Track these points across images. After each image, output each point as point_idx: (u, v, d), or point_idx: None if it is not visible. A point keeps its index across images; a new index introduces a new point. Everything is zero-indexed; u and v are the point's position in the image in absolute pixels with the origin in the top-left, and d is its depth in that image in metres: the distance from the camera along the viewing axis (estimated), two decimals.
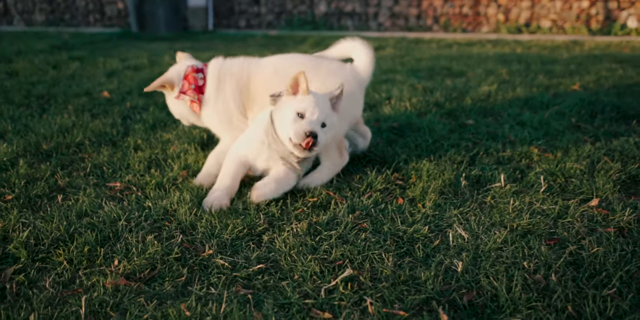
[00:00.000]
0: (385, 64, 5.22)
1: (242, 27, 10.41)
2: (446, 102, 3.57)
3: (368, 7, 10.05)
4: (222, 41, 8.26)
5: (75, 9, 10.54)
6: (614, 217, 1.91)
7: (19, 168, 2.36)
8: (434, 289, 1.48)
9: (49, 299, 1.45)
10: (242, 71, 2.36)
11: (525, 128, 2.99)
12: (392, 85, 4.13)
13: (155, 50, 6.87)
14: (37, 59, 5.61)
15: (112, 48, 7.07)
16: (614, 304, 1.40)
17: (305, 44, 7.32)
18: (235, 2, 10.27)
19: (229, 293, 1.48)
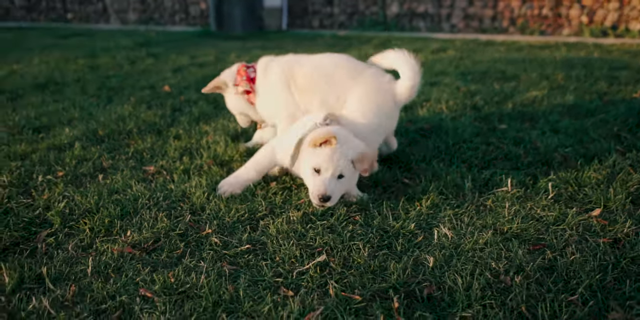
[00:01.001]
0: (440, 66, 5.20)
1: (315, 27, 10.68)
2: (485, 106, 3.54)
3: (441, 8, 9.91)
4: (292, 40, 8.54)
5: (163, 8, 11.36)
6: (612, 228, 1.87)
7: (74, 150, 2.71)
8: (398, 280, 1.57)
9: (67, 258, 1.72)
10: (287, 65, 2.51)
11: (557, 135, 2.91)
12: (434, 88, 4.14)
13: (227, 48, 7.28)
14: (119, 54, 6.19)
15: (189, 46, 7.58)
16: (569, 309, 1.42)
17: (370, 44, 7.40)
18: (309, 3, 10.55)
19: (215, 267, 1.66)
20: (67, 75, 4.81)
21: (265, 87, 2.53)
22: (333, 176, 1.96)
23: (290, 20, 10.74)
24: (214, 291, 1.52)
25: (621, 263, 1.64)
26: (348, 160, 1.98)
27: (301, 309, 1.44)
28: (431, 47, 6.73)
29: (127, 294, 1.51)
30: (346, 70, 2.39)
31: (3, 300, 1.49)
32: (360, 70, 2.40)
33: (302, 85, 2.45)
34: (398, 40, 7.75)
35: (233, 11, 9.59)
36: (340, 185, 1.98)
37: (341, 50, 6.59)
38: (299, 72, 2.46)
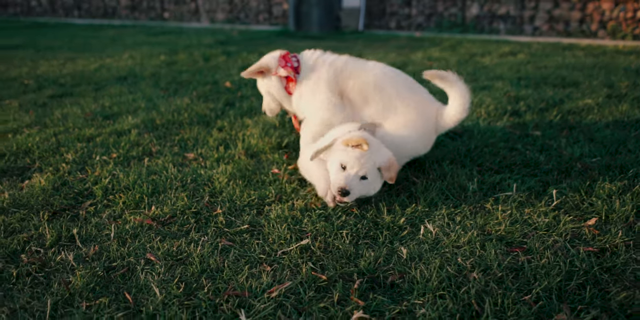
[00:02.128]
0: (499, 70, 5.11)
1: (392, 28, 10.73)
2: (527, 112, 3.49)
3: (524, 10, 9.54)
4: (364, 41, 8.69)
5: (249, 8, 11.99)
6: (602, 238, 1.86)
7: (130, 135, 3.10)
8: (368, 266, 1.72)
9: (99, 224, 2.05)
10: (344, 66, 2.47)
11: (591, 144, 2.84)
12: (482, 92, 4.12)
13: (298, 47, 7.60)
14: (197, 51, 6.72)
15: (264, 44, 8.00)
16: (517, 306, 1.49)
17: (439, 46, 7.36)
18: (388, 4, 10.62)
19: (214, 242, 1.91)
20: (146, 70, 5.35)
21: (309, 80, 2.48)
22: (357, 175, 2.05)
23: (368, 21, 10.87)
24: (204, 261, 1.76)
25: (592, 271, 1.66)
26: (375, 165, 2.07)
27: (271, 281, 1.63)
28: (501, 50, 6.57)
29: (135, 256, 1.80)
30: (396, 89, 2.39)
31: (42, 252, 1.84)
32: (414, 92, 2.42)
33: (350, 95, 2.43)
34: (470, 43, 7.62)
35: (311, 11, 9.92)
36: (361, 186, 2.06)
37: (410, 52, 6.65)
38: (350, 81, 2.43)
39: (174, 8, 12.78)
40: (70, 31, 10.00)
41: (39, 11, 14.47)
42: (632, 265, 1.70)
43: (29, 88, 4.59)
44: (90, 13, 13.78)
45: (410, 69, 5.32)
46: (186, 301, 1.54)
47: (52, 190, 2.33)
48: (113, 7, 13.48)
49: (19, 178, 2.52)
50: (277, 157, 2.76)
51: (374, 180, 2.12)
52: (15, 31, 9.90)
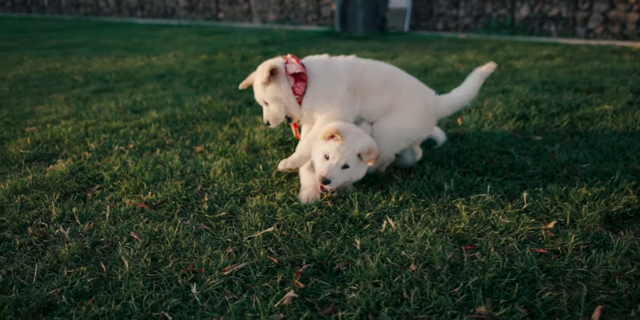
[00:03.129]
0: (527, 74, 5.04)
1: (439, 29, 10.65)
2: (535, 117, 3.48)
3: (577, 12, 9.19)
4: (407, 42, 8.71)
5: (298, 9, 12.27)
6: (557, 241, 1.91)
7: (150, 129, 3.39)
8: (319, 253, 1.86)
9: (99, 206, 2.31)
10: (355, 63, 2.52)
11: (589, 150, 2.82)
12: (495, 96, 4.11)
13: (338, 47, 7.75)
14: (237, 51, 7.04)
15: (306, 45, 8.22)
16: (441, 297, 1.59)
17: (479, 48, 7.27)
18: (435, 5, 10.55)
19: (193, 225, 2.12)
20: (184, 68, 5.71)
21: (325, 81, 2.47)
22: (338, 164, 2.21)
23: (415, 22, 10.85)
24: (178, 241, 1.97)
25: (529, 270, 1.72)
26: (354, 152, 2.22)
27: (227, 262, 1.82)
28: (540, 53, 6.42)
29: (120, 234, 2.04)
30: (400, 78, 2.51)
31: (45, 226, 2.12)
32: (413, 81, 2.54)
33: (364, 88, 2.48)
34: (513, 45, 7.48)
35: (356, 12, 10.04)
36: (343, 174, 2.24)
37: (445, 54, 6.64)
38: (365, 75, 2.49)
39: (228, 9, 13.29)
40: (130, 31, 10.67)
41: (106, 11, 15.47)
42: (574, 267, 1.75)
43: (77, 83, 5.04)
44: (151, 13, 14.58)
45: (438, 71, 5.35)
46: (149, 273, 1.76)
47: (69, 175, 2.64)
48: (172, 8, 14.20)
49: (46, 163, 2.86)
50: (276, 152, 2.95)
51: (355, 168, 2.27)
52: (81, 30, 10.70)
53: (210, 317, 1.55)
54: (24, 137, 3.30)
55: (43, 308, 1.59)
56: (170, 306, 1.59)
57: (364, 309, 1.55)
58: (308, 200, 2.31)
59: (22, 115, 3.86)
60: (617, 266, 1.73)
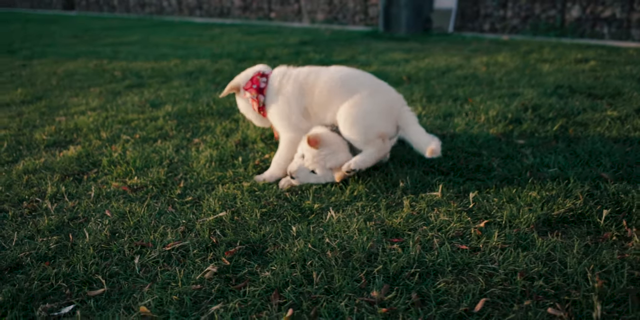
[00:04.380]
0: (547, 78, 4.94)
1: (485, 30, 10.45)
2: (528, 121, 3.47)
3: (632, 12, 8.73)
4: (447, 43, 8.64)
5: (346, 9, 12.43)
6: (481, 239, 1.99)
7: (158, 122, 3.72)
8: (256, 237, 2.06)
9: (88, 187, 2.63)
10: (307, 77, 2.66)
11: (562, 156, 2.82)
12: (498, 99, 4.10)
13: (376, 48, 7.85)
14: (271, 51, 7.32)
15: (345, 45, 8.36)
16: (342, 281, 1.74)
17: (516, 50, 7.12)
18: (482, 5, 10.36)
19: (161, 207, 2.37)
20: (213, 66, 6.05)
21: (277, 100, 2.67)
22: (307, 168, 2.51)
23: (462, 23, 10.70)
24: (141, 219, 2.23)
25: (439, 262, 1.83)
26: (325, 166, 2.49)
27: (173, 239, 2.06)
28: (573, 56, 6.23)
29: (97, 211, 2.34)
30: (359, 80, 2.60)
31: (39, 201, 2.46)
32: (376, 81, 2.65)
33: (317, 100, 2.62)
34: (552, 48, 7.26)
35: (400, 13, 10.06)
36: (310, 177, 2.54)
37: (476, 56, 6.58)
38: (316, 88, 2.62)
39: (279, 9, 13.68)
40: (184, 30, 11.26)
41: (169, 11, 16.34)
42: (484, 264, 1.83)
43: (115, 79, 5.51)
44: (209, 13, 15.26)
45: (457, 73, 5.36)
46: (104, 245, 2.03)
47: (75, 159, 2.99)
48: (228, 8, 14.79)
49: (60, 149, 3.24)
50: (263, 146, 3.16)
51: (324, 175, 2.54)
52: (140, 29, 11.43)
53: (140, 283, 1.78)
54: (51, 125, 3.72)
55: (11, 267, 1.90)
56: (110, 272, 1.85)
57: (272, 286, 1.73)
58: (282, 188, 2.55)
59: (57, 106, 4.32)
60: (525, 264, 1.80)
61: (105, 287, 1.76)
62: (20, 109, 4.26)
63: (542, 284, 1.70)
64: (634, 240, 1.96)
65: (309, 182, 2.56)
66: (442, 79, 5.11)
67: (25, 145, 3.31)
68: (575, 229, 2.07)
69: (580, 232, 2.05)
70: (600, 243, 1.97)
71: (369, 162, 2.47)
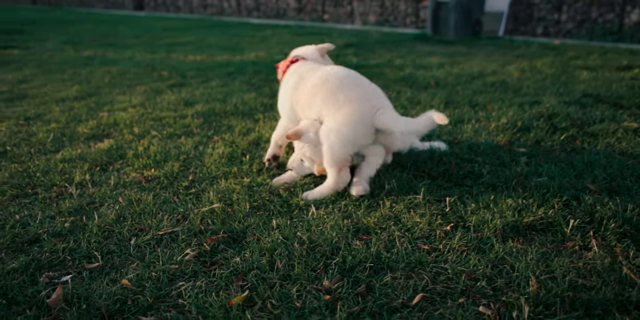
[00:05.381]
0: (580, 85, 4.84)
1: (538, 34, 10.16)
2: (536, 130, 3.48)
3: None
4: (494, 47, 8.50)
5: (397, 12, 12.46)
6: (443, 241, 2.12)
7: (186, 119, 4.04)
8: (239, 227, 2.28)
9: (110, 176, 2.96)
10: (306, 72, 2.81)
11: (558, 166, 2.85)
12: (515, 107, 4.10)
13: (420, 51, 7.88)
14: None
15: (386, 48, 8.46)
16: (301, 269, 1.93)
17: (562, 56, 6.94)
18: (535, 8, 10.08)
19: (166, 196, 2.66)
20: (252, 67, 6.37)
21: (281, 87, 3.00)
22: (296, 159, 2.82)
23: (514, 27, 10.47)
24: (147, 206, 2.52)
25: (393, 259, 1.97)
26: (306, 156, 2.74)
27: (167, 225, 2.32)
28: (619, 63, 6.02)
29: (112, 197, 2.66)
30: (340, 82, 2.64)
31: (67, 186, 2.82)
32: (357, 87, 2.65)
33: (304, 96, 2.75)
34: (601, 54, 7.01)
35: (448, 16, 10.00)
36: (304, 168, 2.83)
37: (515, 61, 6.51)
38: (307, 83, 2.75)
39: (332, 10, 13.91)
40: (239, 30, 11.74)
41: (229, 12, 17.01)
42: (436, 263, 1.96)
43: (162, 78, 5.95)
44: (266, 14, 15.75)
45: (486, 79, 5.36)
46: (108, 226, 2.33)
47: (106, 152, 3.35)
48: (284, 9, 15.20)
49: (96, 141, 3.62)
50: None
51: (310, 166, 2.80)
52: (198, 30, 12.03)
53: (130, 261, 2.06)
54: (94, 120, 4.14)
55: (30, 241, 2.24)
56: (107, 250, 2.14)
57: (239, 270, 1.95)
58: (274, 185, 2.78)
59: (104, 103, 4.77)
60: (474, 266, 1.92)
61: (100, 262, 2.05)
62: (72, 104, 4.74)
63: (484, 284, 1.81)
64: (594, 251, 2.01)
65: (305, 173, 2.82)
66: (469, 84, 5.13)
67: (68, 137, 3.72)
68: (541, 237, 2.14)
69: (544, 240, 2.12)
70: (561, 251, 2.04)
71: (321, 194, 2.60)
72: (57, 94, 5.14)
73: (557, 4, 9.82)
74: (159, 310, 1.75)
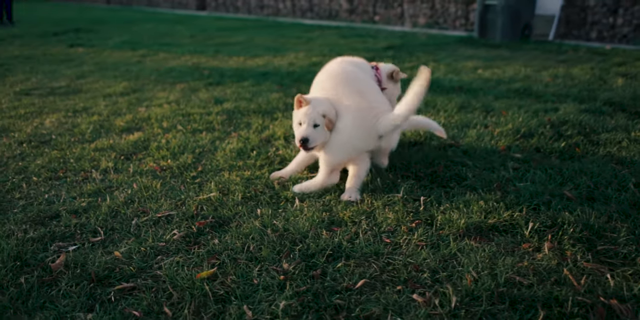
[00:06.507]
0: (606, 93, 4.75)
1: (592, 38, 9.81)
2: (539, 137, 3.52)
3: None
4: (539, 52, 8.32)
5: (447, 14, 12.37)
6: (405, 236, 2.28)
7: (211, 116, 4.38)
8: (227, 214, 2.55)
9: (130, 165, 3.32)
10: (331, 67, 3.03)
11: (546, 172, 2.91)
12: (533, 113, 4.12)
13: (461, 55, 7.88)
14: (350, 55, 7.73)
15: (427, 51, 8.49)
16: (266, 253, 2.16)
17: (606, 62, 6.73)
18: (590, 12, 9.72)
19: (174, 184, 2.97)
20: (288, 69, 6.66)
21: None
22: (309, 125, 2.73)
23: (566, 31, 10.17)
24: (154, 191, 2.85)
25: (351, 248, 2.17)
26: (319, 113, 2.69)
27: (165, 209, 2.63)
28: None
29: (127, 183, 3.01)
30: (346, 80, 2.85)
31: (93, 171, 3.20)
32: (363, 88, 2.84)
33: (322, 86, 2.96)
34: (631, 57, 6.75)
35: (496, 19, 9.87)
36: (316, 133, 2.69)
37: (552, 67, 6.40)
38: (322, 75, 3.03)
39: (383, 12, 14.00)
40: (289, 31, 12.09)
41: (284, 12, 17.48)
42: (390, 255, 2.14)
43: (202, 76, 6.36)
44: (319, 15, 16.06)
45: (512, 85, 5.35)
46: (116, 207, 2.67)
47: (133, 143, 3.74)
48: (336, 10, 15.45)
49: (128, 134, 4.03)
50: (282, 143, 3.65)
51: (322, 125, 2.73)
52: (249, 30, 12.51)
53: (128, 237, 2.38)
54: (132, 114, 4.57)
55: (51, 216, 2.61)
56: (111, 226, 2.47)
57: (214, 250, 2.22)
58: (272, 179, 2.99)
59: (145, 98, 5.22)
60: (422, 259, 2.08)
61: (102, 236, 2.38)
62: (116, 99, 5.22)
63: (427, 276, 1.97)
64: (544, 253, 2.11)
65: (318, 143, 2.72)
66: (493, 90, 5.16)
67: (105, 129, 4.16)
68: (500, 238, 2.26)
69: (503, 240, 2.24)
70: (514, 251, 2.15)
71: (307, 188, 2.80)
72: (105, 90, 5.66)
73: (612, 7, 9.45)
74: (139, 278, 2.04)
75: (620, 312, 1.73)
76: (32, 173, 3.19)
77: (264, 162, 3.28)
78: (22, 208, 2.70)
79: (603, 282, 1.90)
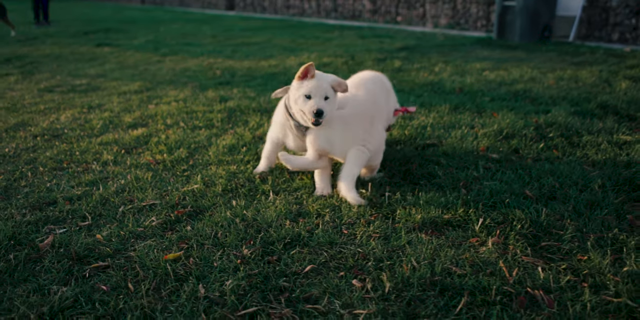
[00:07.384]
0: (605, 96, 4.76)
1: (614, 40, 9.63)
2: (520, 138, 3.60)
3: None
4: (555, 54, 8.25)
5: (469, 15, 12.32)
6: (362, 228, 2.44)
7: (213, 113, 4.61)
8: (206, 204, 2.77)
9: (127, 157, 3.58)
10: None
11: (515, 172, 3.01)
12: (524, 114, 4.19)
13: (475, 57, 7.92)
14: (362, 56, 7.88)
15: (443, 53, 8.54)
16: (234, 242, 2.36)
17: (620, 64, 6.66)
18: (612, 13, 9.55)
19: (168, 176, 3.21)
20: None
21: None
22: (321, 98, 2.66)
23: (588, 32, 10.02)
24: (145, 183, 3.09)
25: (311, 238, 2.34)
26: (329, 84, 2.68)
27: (152, 198, 2.86)
28: None
29: (122, 174, 3.26)
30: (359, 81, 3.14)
31: (93, 163, 3.47)
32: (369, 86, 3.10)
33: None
34: None
35: (514, 20, 9.81)
36: (327, 105, 2.67)
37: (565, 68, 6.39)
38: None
39: (406, 13, 14.05)
40: (310, 31, 12.29)
41: (309, 12, 17.70)
42: (346, 245, 2.30)
43: (214, 76, 6.63)
44: (343, 15, 16.21)
45: (511, 88, 5.40)
46: (107, 196, 2.92)
47: (135, 138, 4.00)
48: (360, 11, 15.57)
49: (133, 129, 4.30)
50: None
51: (332, 99, 2.71)
52: (271, 30, 12.77)
53: (112, 223, 2.62)
54: (140, 111, 4.85)
55: (49, 202, 2.88)
56: (99, 213, 2.72)
57: (185, 236, 2.43)
58: (322, 193, 2.88)
59: (156, 96, 5.50)
60: (371, 249, 2.24)
61: (90, 221, 2.63)
62: (130, 97, 5.53)
63: (371, 264, 2.13)
64: (487, 246, 2.24)
65: (329, 115, 2.71)
66: (493, 92, 5.22)
67: (114, 125, 4.44)
68: (452, 232, 2.40)
69: (454, 235, 2.37)
70: (461, 244, 2.28)
71: (296, 164, 2.87)
72: (122, 88, 5.99)
73: (635, 9, 9.26)
74: (114, 258, 2.27)
75: (543, 301, 1.85)
76: (40, 164, 3.49)
77: (251, 158, 3.48)
78: (25, 195, 2.98)
79: (534, 274, 2.02)
